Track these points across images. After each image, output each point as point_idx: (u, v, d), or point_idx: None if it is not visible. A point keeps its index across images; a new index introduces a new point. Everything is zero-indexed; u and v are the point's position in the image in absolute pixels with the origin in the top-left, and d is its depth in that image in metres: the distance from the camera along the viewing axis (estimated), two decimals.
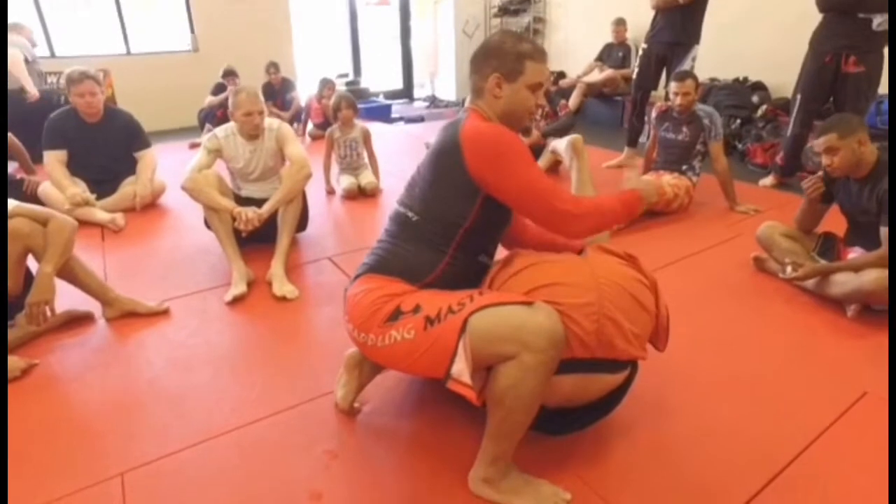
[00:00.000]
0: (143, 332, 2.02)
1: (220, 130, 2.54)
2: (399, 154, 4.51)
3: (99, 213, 3.02)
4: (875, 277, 1.91)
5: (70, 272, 1.96)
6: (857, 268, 2.02)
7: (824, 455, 1.44)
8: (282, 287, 2.28)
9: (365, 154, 3.61)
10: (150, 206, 3.31)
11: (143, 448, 1.47)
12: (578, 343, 1.25)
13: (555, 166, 3.69)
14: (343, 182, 3.50)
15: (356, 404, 1.59)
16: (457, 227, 1.33)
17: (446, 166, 1.32)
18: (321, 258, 2.63)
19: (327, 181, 3.57)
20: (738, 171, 3.84)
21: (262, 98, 2.51)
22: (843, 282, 2.02)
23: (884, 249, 1.96)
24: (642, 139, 4.19)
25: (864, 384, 1.69)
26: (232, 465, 1.41)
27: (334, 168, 3.61)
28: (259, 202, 2.52)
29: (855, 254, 2.16)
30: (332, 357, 1.42)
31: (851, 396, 1.65)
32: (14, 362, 1.74)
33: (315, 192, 3.46)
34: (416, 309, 1.25)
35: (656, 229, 2.95)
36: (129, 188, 3.22)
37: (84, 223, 2.99)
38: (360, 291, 1.34)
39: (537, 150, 3.63)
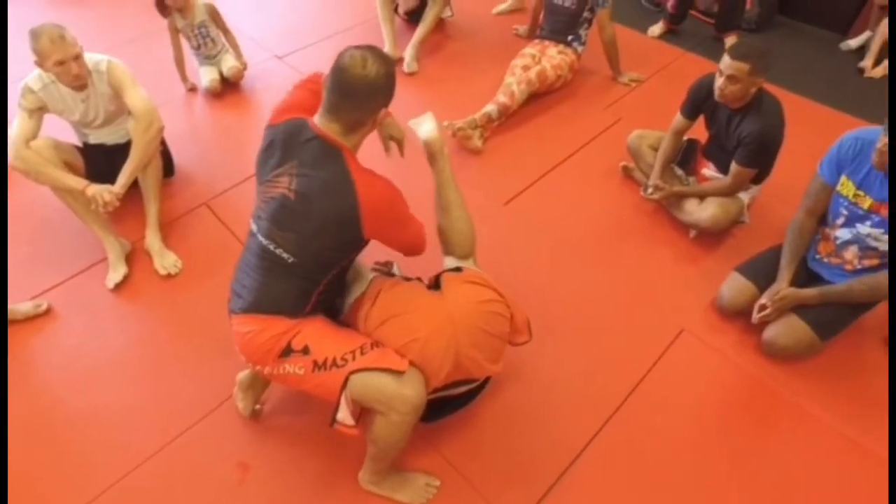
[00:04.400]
0: (29, 343, 2.02)
1: (34, 81, 2.07)
2: (251, 9, 3.89)
3: None
4: (710, 215, 2.17)
5: None
6: (704, 195, 2.23)
7: (646, 398, 1.84)
8: (163, 262, 2.25)
9: (221, 35, 3.12)
10: None
11: (78, 488, 1.65)
12: (440, 381, 1.47)
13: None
14: (204, 78, 3.10)
15: (257, 406, 1.81)
16: (336, 267, 1.45)
17: (338, 229, 1.37)
18: (197, 205, 2.53)
19: (183, 79, 3.12)
20: (628, 14, 3.69)
21: (70, 35, 1.99)
22: (688, 211, 2.26)
23: (728, 181, 2.15)
24: None
25: (681, 321, 2.05)
26: (158, 498, 1.65)
27: (192, 60, 3.15)
28: (112, 149, 2.30)
29: (709, 170, 2.33)
30: (228, 346, 1.55)
31: (670, 335, 2.01)
32: None
33: (173, 94, 3.10)
34: (306, 350, 1.41)
35: (536, 119, 2.95)
36: None
37: None
38: (248, 332, 1.44)
39: None
